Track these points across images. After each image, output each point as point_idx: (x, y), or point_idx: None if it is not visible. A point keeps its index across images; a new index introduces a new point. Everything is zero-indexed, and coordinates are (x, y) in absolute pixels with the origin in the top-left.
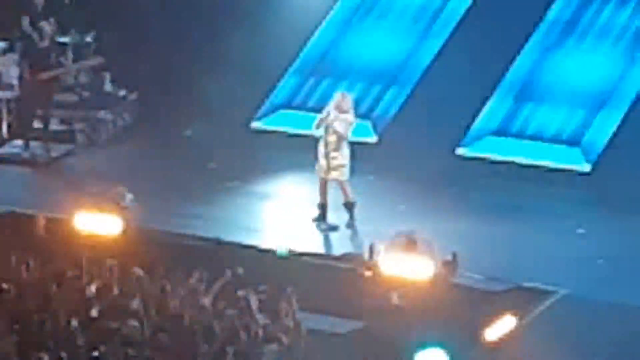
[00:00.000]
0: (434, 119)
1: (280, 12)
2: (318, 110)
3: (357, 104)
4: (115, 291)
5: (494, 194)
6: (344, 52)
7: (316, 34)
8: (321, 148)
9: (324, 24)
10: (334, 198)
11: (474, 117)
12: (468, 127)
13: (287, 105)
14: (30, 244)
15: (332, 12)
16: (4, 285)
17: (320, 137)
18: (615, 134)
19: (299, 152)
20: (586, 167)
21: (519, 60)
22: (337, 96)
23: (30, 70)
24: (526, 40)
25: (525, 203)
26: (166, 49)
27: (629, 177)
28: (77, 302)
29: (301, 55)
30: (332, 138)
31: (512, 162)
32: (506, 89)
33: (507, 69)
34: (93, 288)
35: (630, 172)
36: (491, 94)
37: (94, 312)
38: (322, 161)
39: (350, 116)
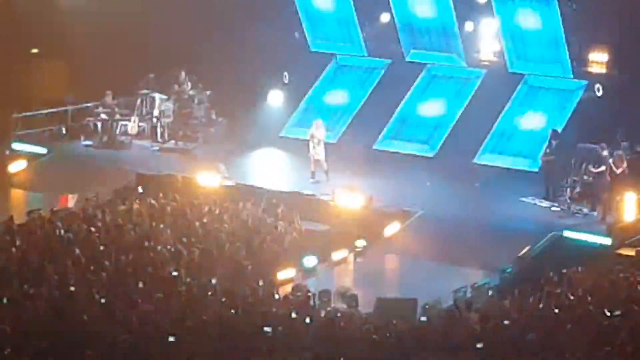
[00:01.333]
0: None
1: None
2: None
3: None
4: (216, 210)
5: (391, 168)
6: None
7: None
8: (310, 144)
9: None
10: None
11: None
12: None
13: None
14: (176, 188)
15: None
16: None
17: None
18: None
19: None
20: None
21: None
22: (315, 122)
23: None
24: None
25: (403, 171)
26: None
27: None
28: (200, 213)
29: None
30: (314, 141)
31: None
32: None
33: None
34: (205, 209)
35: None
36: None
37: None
38: (312, 151)
39: (323, 130)
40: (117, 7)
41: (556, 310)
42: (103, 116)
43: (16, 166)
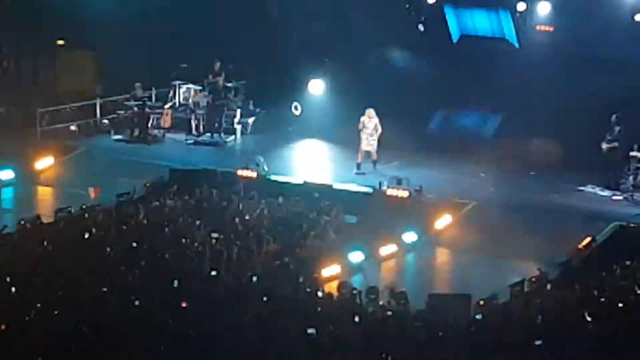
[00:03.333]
0: None
1: None
2: None
3: None
4: (256, 205)
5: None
6: None
7: None
8: (362, 136)
9: None
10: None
11: None
12: None
13: None
14: (212, 183)
15: None
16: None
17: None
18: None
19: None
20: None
21: None
22: (367, 111)
23: (214, 100)
24: None
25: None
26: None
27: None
28: (238, 208)
29: None
30: (366, 131)
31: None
32: None
33: None
34: (244, 204)
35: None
36: None
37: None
38: (363, 142)
39: (375, 121)
40: None
41: (620, 305)
42: (134, 109)
43: (43, 163)
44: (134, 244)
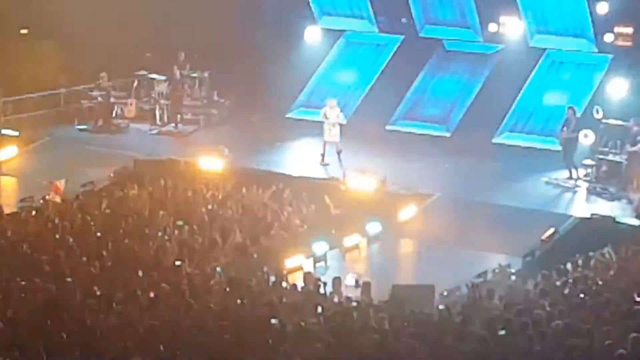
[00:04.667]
0: None
1: None
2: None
3: None
4: (220, 196)
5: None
6: None
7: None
8: (324, 127)
9: None
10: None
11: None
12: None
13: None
14: (176, 173)
15: None
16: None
17: (324, 122)
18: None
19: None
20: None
21: None
22: (329, 101)
23: (173, 91)
24: None
25: (418, 152)
26: (248, 81)
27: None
28: (203, 199)
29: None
30: (329, 122)
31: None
32: None
33: None
34: (208, 195)
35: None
36: None
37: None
38: (326, 133)
39: (337, 111)
40: None
41: (582, 295)
42: (98, 99)
43: (6, 153)
44: (98, 234)
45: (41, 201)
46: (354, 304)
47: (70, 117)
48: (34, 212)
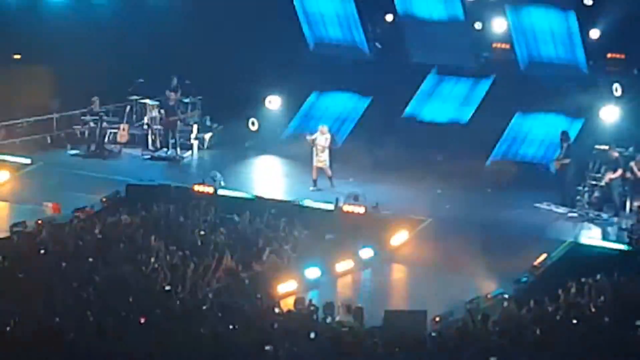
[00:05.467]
0: None
1: None
2: None
3: None
4: (212, 221)
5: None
6: None
7: None
8: (314, 152)
9: None
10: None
11: None
12: None
13: None
14: (169, 198)
15: None
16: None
17: (312, 147)
18: None
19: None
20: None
21: None
22: (320, 127)
23: (167, 115)
24: None
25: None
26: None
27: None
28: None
29: None
30: (319, 147)
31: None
32: None
33: None
34: (200, 220)
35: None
36: None
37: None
38: (315, 159)
39: (327, 136)
40: (104, 10)
41: (575, 321)
42: (91, 124)
43: None
44: (90, 259)
45: (36, 224)
46: (347, 329)
47: (62, 142)
48: (26, 237)
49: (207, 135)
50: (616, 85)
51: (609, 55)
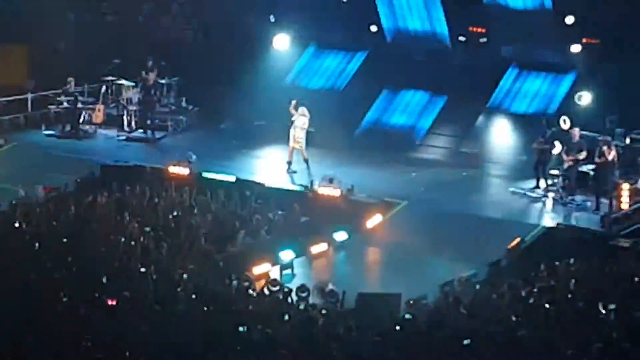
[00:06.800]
0: None
1: None
2: None
3: None
4: (186, 202)
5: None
6: None
7: None
8: (291, 132)
9: None
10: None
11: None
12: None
13: None
14: (143, 179)
15: None
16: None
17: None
18: None
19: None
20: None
21: None
22: (300, 108)
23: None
24: None
25: (386, 160)
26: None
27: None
28: (169, 205)
29: None
30: (296, 129)
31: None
32: None
33: None
34: (175, 201)
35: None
36: None
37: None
38: (291, 139)
39: (305, 119)
40: None
41: (547, 305)
42: (65, 104)
43: None
44: (64, 240)
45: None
46: (320, 311)
47: (37, 122)
48: (0, 217)
49: (183, 117)
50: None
51: (584, 40)
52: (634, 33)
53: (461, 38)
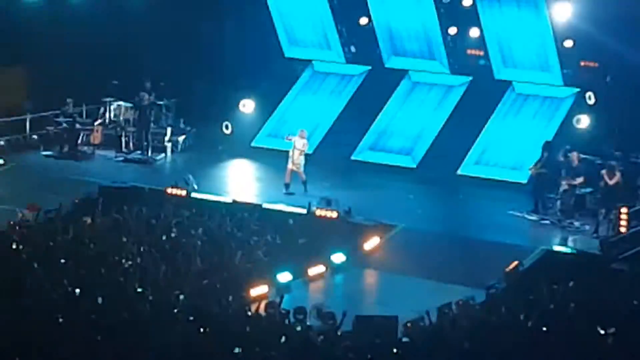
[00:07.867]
0: None
1: None
2: None
3: None
4: (184, 224)
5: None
6: None
7: None
8: (290, 154)
9: None
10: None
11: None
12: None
13: None
14: (141, 201)
15: None
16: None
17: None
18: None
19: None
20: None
21: None
22: (300, 131)
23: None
24: None
25: (383, 183)
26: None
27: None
28: (167, 226)
29: None
30: (295, 151)
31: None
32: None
33: None
34: (172, 222)
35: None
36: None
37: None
38: (290, 162)
39: (305, 141)
40: (79, 11)
41: (546, 329)
42: (64, 125)
43: None
44: (62, 261)
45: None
46: (317, 334)
47: (35, 143)
48: None
49: (181, 138)
50: (589, 94)
51: (582, 63)
52: (633, 55)
53: None
